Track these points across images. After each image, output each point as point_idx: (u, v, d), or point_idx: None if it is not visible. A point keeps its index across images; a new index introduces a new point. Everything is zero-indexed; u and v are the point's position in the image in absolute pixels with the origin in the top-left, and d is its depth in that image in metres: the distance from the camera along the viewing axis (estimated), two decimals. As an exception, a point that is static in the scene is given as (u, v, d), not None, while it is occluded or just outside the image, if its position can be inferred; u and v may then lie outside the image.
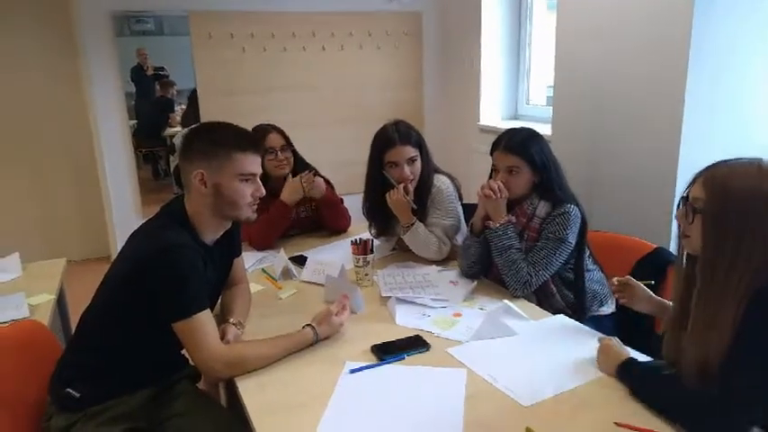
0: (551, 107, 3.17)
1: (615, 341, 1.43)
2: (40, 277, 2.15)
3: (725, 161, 1.21)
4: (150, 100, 5.02)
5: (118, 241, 4.10)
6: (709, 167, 1.21)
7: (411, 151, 2.09)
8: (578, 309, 1.88)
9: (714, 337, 1.15)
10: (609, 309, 1.95)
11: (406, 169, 2.08)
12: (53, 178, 4.26)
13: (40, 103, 4.10)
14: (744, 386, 1.09)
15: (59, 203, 4.31)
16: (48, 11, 3.96)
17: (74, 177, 4.29)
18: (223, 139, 1.48)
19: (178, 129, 5.83)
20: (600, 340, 1.44)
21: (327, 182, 2.52)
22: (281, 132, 2.40)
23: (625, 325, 1.86)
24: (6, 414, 1.34)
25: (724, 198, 1.17)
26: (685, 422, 1.15)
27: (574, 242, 1.84)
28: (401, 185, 2.06)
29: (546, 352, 1.49)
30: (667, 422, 1.17)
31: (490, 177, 1.94)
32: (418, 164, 2.12)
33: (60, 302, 2.21)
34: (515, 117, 4.35)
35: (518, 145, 1.87)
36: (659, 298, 1.56)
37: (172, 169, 5.28)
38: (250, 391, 1.35)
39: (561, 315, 1.72)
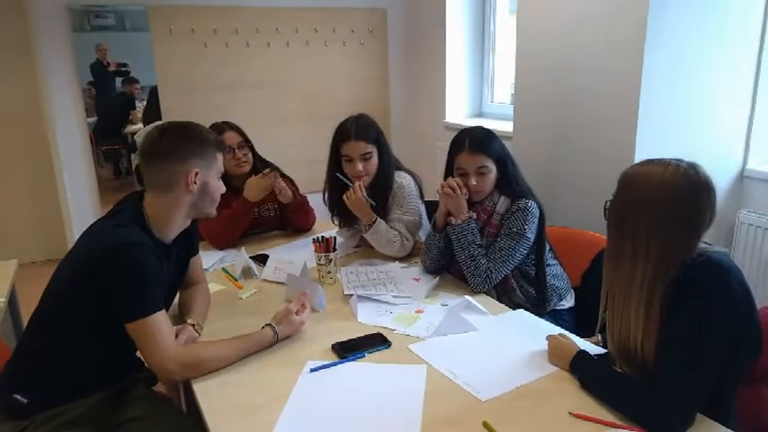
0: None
1: (566, 335, 1.46)
2: (-12, 280, 2.07)
3: (645, 161, 1.24)
4: (110, 96, 4.88)
5: (76, 242, 3.99)
6: (630, 167, 1.25)
7: (366, 147, 2.08)
8: (539, 303, 1.91)
9: (628, 326, 1.20)
10: (568, 303, 1.99)
11: (359, 165, 2.08)
12: (6, 177, 4.09)
13: (-8, 99, 3.95)
14: (674, 376, 1.12)
15: (13, 203, 4.15)
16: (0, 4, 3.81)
17: (28, 176, 4.14)
18: (209, 139, 1.52)
19: (140, 126, 5.70)
20: (548, 337, 1.46)
21: (291, 181, 2.49)
22: (238, 130, 2.37)
23: (583, 319, 1.90)
24: (-51, 423, 1.28)
25: (624, 194, 1.22)
26: (627, 412, 1.17)
27: (533, 237, 1.86)
28: (357, 184, 2.05)
29: (505, 346, 1.51)
30: (617, 413, 1.19)
31: (447, 176, 1.94)
32: (374, 161, 2.11)
33: (12, 306, 2.14)
34: (480, 115, 4.39)
35: (482, 144, 1.87)
36: None
37: (134, 168, 5.15)
38: (207, 392, 1.33)
39: (521, 310, 1.74)
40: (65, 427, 1.33)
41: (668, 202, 1.16)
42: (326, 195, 2.25)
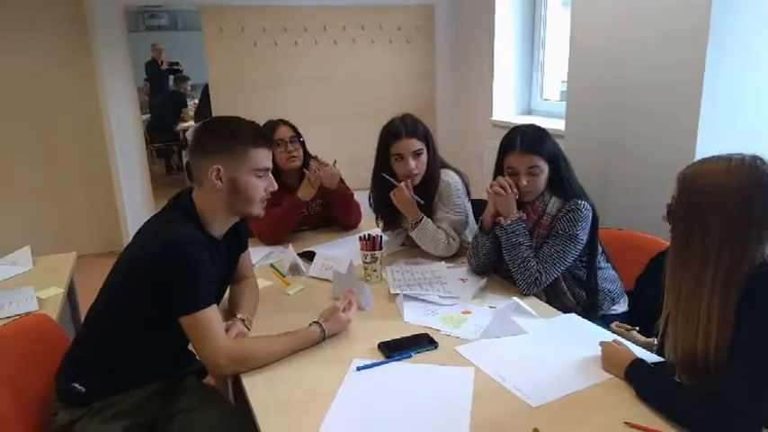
0: (565, 102, 3.12)
1: (620, 341, 1.41)
2: (50, 271, 2.15)
3: (703, 159, 1.18)
4: (164, 95, 5.05)
5: (130, 236, 4.09)
6: (688, 166, 1.19)
7: (417, 144, 2.07)
8: (590, 307, 1.85)
9: (695, 331, 1.14)
10: (621, 308, 1.92)
11: (412, 162, 2.06)
12: (66, 173, 4.29)
13: (53, 97, 4.12)
14: (742, 386, 1.06)
15: (72, 198, 4.34)
16: (61, 5, 3.97)
17: (86, 172, 4.32)
18: (240, 135, 1.48)
19: (191, 123, 5.85)
20: (601, 343, 1.41)
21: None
22: (291, 125, 2.41)
23: (638, 324, 1.82)
24: (13, 408, 1.33)
25: (689, 195, 1.16)
26: (689, 424, 1.12)
27: (585, 239, 1.80)
28: (403, 183, 2.04)
29: (556, 351, 1.47)
30: (675, 424, 1.14)
31: (496, 175, 1.89)
32: (424, 157, 2.09)
33: (71, 296, 2.22)
34: (529, 112, 4.30)
35: (534, 143, 1.82)
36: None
37: (185, 164, 5.30)
38: (256, 387, 1.35)
39: (572, 314, 1.69)
40: (120, 417, 1.37)
41: (739, 198, 1.09)
42: (372, 197, 2.25)
